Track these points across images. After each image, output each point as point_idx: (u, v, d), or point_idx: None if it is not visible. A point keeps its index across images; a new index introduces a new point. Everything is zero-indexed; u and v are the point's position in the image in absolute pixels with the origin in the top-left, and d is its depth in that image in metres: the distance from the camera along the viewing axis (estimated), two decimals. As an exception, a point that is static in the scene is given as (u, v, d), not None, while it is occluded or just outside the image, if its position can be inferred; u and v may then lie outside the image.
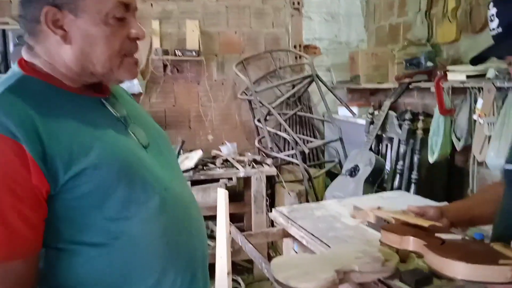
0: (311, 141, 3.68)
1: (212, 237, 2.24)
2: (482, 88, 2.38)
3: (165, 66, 3.71)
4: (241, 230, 2.21)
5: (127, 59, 0.86)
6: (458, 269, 0.91)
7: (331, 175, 3.64)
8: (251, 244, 1.78)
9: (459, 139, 2.54)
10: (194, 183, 2.90)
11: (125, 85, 1.01)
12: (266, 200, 3.06)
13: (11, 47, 3.17)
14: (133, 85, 3.51)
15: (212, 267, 1.22)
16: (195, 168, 2.95)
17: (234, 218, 3.49)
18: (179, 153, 3.27)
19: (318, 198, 3.22)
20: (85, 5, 0.79)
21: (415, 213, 1.25)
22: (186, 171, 2.87)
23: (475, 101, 2.45)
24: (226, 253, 1.95)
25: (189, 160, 3.00)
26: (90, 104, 0.86)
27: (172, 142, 3.59)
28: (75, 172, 0.76)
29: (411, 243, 1.14)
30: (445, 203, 1.60)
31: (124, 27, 0.84)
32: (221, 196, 1.91)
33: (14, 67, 0.85)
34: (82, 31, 0.80)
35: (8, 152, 0.70)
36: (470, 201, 1.30)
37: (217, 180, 2.97)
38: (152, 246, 0.85)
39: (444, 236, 1.11)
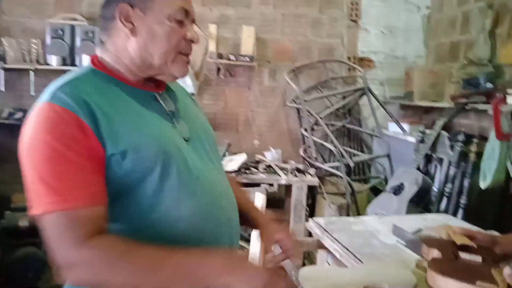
0: (357, 155, 3.61)
1: (248, 240, 2.26)
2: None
3: (218, 70, 3.80)
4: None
5: (180, 56, 0.99)
6: (439, 283, 0.97)
7: (376, 191, 3.56)
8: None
9: (515, 166, 2.40)
10: (236, 186, 2.93)
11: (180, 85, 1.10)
12: (306, 210, 3.04)
13: (78, 42, 3.38)
14: (187, 86, 3.62)
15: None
16: (238, 171, 2.99)
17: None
18: (224, 155, 3.33)
19: (359, 213, 3.16)
20: (153, 5, 0.94)
21: (464, 234, 1.20)
22: (229, 173, 2.92)
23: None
24: (258, 257, 1.95)
25: (233, 162, 3.05)
26: (144, 97, 0.98)
27: (219, 144, 3.69)
28: (120, 150, 0.87)
29: (430, 255, 1.13)
30: (493, 232, 1.52)
31: (182, 29, 0.97)
32: (259, 201, 1.92)
33: (87, 63, 1.00)
34: (147, 27, 0.94)
35: (70, 121, 0.84)
36: None
37: (258, 185, 2.99)
38: (179, 227, 0.93)
39: (467, 256, 1.07)
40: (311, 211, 3.26)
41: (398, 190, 2.73)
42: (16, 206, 2.85)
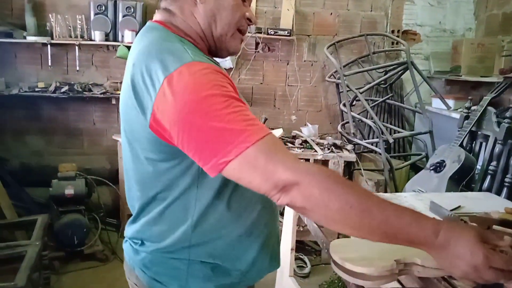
0: (398, 131, 3.51)
1: (282, 214, 2.28)
2: None
3: (257, 44, 3.77)
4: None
5: (238, 33, 1.02)
6: None
7: (416, 169, 3.46)
8: (316, 224, 1.78)
9: None
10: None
11: (218, 59, 1.09)
12: (342, 186, 3.01)
13: (120, 18, 3.46)
14: (225, 60, 3.63)
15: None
16: (274, 145, 2.99)
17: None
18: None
19: (397, 190, 3.09)
20: None
21: None
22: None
23: None
24: (291, 230, 1.97)
25: (269, 137, 3.05)
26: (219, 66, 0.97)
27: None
28: None
29: None
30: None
31: (244, 7, 1.00)
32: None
33: (152, 24, 0.98)
34: None
35: (221, 72, 0.87)
36: None
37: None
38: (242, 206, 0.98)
39: (500, 228, 1.03)
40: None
41: (438, 167, 2.64)
42: (62, 176, 3.00)
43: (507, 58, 2.97)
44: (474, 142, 2.78)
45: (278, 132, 3.16)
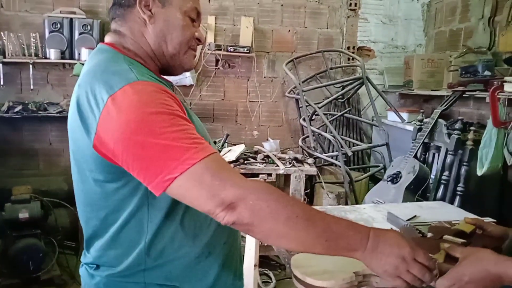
0: (356, 144, 3.62)
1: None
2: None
3: (217, 61, 3.80)
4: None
5: (190, 51, 1.04)
6: None
7: (376, 180, 3.57)
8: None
9: (511, 154, 2.40)
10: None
11: (178, 76, 1.11)
12: (304, 199, 3.06)
13: (76, 35, 3.39)
14: (185, 77, 3.63)
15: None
16: (236, 161, 3.01)
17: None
18: (223, 146, 3.35)
19: (357, 201, 3.17)
20: (172, 0, 0.99)
21: (471, 223, 1.21)
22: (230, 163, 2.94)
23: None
24: (254, 246, 1.98)
25: (231, 153, 3.07)
26: (167, 86, 0.99)
27: (218, 135, 3.71)
28: None
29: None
30: (488, 219, 1.52)
31: (193, 27, 1.03)
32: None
33: (102, 46, 0.99)
34: (165, 17, 0.99)
35: (166, 91, 0.87)
36: None
37: (257, 175, 3.00)
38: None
39: (450, 238, 1.09)
40: (310, 200, 3.28)
41: (395, 178, 2.74)
42: (16, 199, 2.88)
43: (455, 72, 3.14)
44: (427, 153, 2.91)
45: (240, 148, 3.18)
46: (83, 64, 3.14)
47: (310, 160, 3.20)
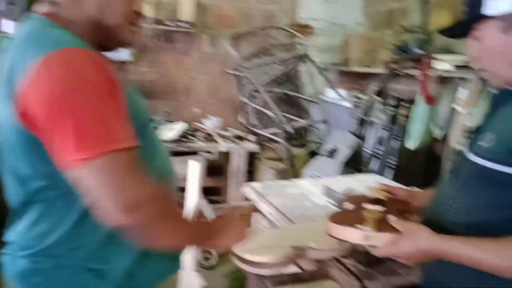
0: (296, 121, 3.67)
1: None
2: (467, 79, 2.37)
3: (156, 36, 3.66)
4: (218, 203, 2.26)
5: (131, 26, 0.98)
6: (330, 229, 1.09)
7: (314, 155, 3.65)
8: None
9: (439, 128, 2.54)
10: (175, 154, 2.90)
11: (115, 51, 1.03)
12: (246, 176, 3.08)
13: (2, 6, 3.13)
14: (122, 52, 3.47)
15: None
16: (176, 139, 2.95)
17: (213, 192, 3.52)
18: (162, 124, 3.27)
19: (297, 177, 3.23)
20: None
21: (384, 190, 1.27)
22: (167, 142, 2.87)
23: (459, 91, 2.45)
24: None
25: (171, 131, 3.00)
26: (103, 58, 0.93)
27: (157, 112, 3.61)
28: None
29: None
30: (414, 188, 1.61)
31: (135, 1, 0.98)
32: (193, 169, 1.91)
33: (33, 15, 0.92)
34: None
35: (105, 63, 0.85)
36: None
37: (197, 153, 2.97)
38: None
39: (371, 206, 1.14)
40: (251, 177, 3.30)
41: (332, 153, 2.82)
42: None
43: (390, 51, 3.24)
44: (363, 128, 3.02)
45: (180, 126, 3.12)
46: (7, 37, 2.92)
47: (251, 137, 3.21)
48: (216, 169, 3.32)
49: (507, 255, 0.82)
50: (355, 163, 2.75)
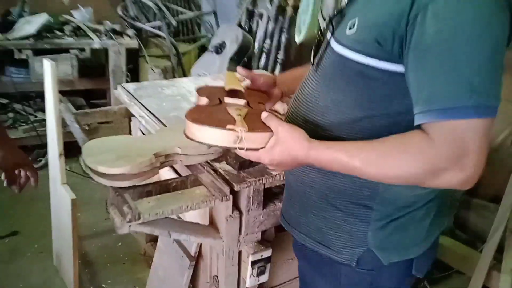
0: (183, 13, 3.35)
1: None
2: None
3: None
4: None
5: None
6: (192, 130, 0.88)
7: (205, 51, 3.44)
8: (78, 124, 1.59)
9: (325, 19, 2.45)
10: (38, 52, 2.49)
11: None
12: (127, 76, 2.80)
13: None
14: None
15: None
16: (37, 35, 2.51)
17: (94, 95, 3.19)
18: (20, 16, 2.75)
19: (186, 75, 3.04)
20: None
21: (246, 77, 1.13)
22: (26, 37, 2.44)
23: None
24: (56, 134, 1.72)
25: (30, 25, 2.54)
26: None
27: (13, 2, 3.01)
28: None
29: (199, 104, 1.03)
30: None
31: None
32: (48, 70, 1.62)
33: None
34: None
35: None
36: (301, 70, 1.17)
37: (67, 51, 2.59)
38: None
39: (232, 100, 1.01)
40: (135, 77, 3.01)
41: (219, 48, 2.63)
42: None
43: None
44: (251, 20, 2.83)
45: (42, 18, 2.64)
46: None
47: (130, 32, 2.86)
48: (93, 69, 2.95)
49: (383, 162, 0.74)
50: (242, 59, 2.60)
